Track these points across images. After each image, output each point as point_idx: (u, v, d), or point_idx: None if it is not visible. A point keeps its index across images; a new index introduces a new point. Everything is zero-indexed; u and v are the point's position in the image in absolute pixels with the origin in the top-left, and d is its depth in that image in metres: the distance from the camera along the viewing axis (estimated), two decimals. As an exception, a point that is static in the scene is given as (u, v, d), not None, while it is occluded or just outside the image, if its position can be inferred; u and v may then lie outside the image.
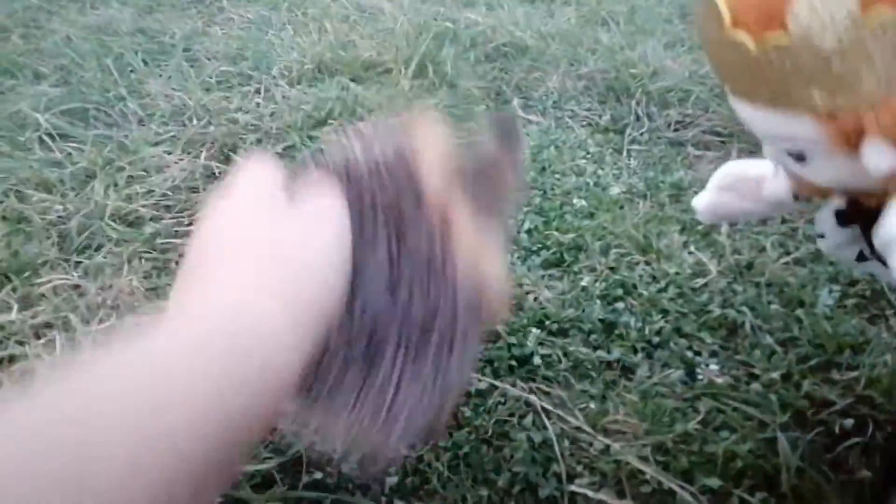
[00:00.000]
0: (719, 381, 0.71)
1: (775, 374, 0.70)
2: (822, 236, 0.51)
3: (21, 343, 0.70)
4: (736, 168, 0.58)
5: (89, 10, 1.75)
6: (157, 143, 1.09)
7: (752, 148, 0.65)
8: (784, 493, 0.57)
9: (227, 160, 1.08)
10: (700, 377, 0.71)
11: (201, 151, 1.07)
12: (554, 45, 1.49)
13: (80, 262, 0.84)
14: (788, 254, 0.90)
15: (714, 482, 0.59)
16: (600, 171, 1.10)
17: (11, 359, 0.68)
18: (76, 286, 0.80)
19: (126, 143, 1.09)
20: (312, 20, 1.62)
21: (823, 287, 0.82)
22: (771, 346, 0.74)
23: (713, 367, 0.72)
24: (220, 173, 1.05)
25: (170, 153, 1.07)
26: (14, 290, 0.79)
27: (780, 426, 0.63)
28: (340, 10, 1.72)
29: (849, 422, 0.62)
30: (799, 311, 0.78)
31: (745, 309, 0.79)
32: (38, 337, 0.71)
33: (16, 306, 0.75)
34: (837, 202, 0.47)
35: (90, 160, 1.03)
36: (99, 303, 0.77)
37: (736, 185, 0.57)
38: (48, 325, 0.73)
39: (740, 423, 0.64)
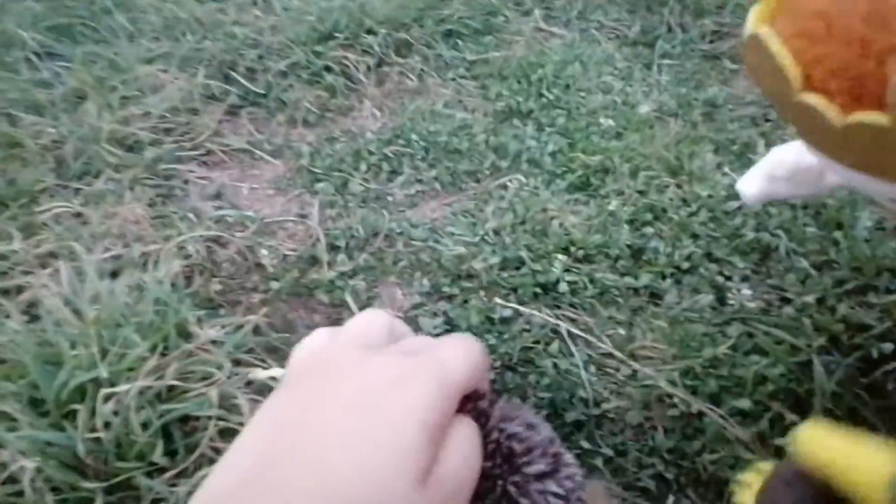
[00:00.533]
0: (751, 305, 0.68)
1: (809, 298, 0.67)
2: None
3: (27, 273, 0.68)
4: (789, 157, 0.52)
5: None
6: (150, 61, 1.02)
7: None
8: (818, 414, 0.56)
9: (226, 79, 1.01)
10: (731, 302, 0.69)
11: (198, 69, 1.00)
12: (576, -53, 1.35)
13: (80, 189, 0.80)
14: (826, 175, 0.84)
15: (744, 403, 0.58)
16: (629, 88, 1.02)
17: (19, 289, 0.66)
18: (78, 214, 0.76)
19: (117, 60, 1.01)
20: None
21: (863, 209, 0.78)
22: (806, 270, 0.71)
23: (745, 291, 0.70)
24: (219, 93, 0.98)
25: (165, 71, 1.00)
26: (14, 217, 0.76)
27: (815, 350, 0.61)
28: None
29: (887, 346, 0.60)
30: (836, 234, 0.75)
31: (779, 232, 0.75)
32: (43, 267, 0.69)
33: (18, 235, 0.72)
34: None
35: (80, 80, 0.96)
36: (103, 231, 0.73)
37: (791, 175, 0.53)
38: (52, 255, 0.71)
39: (772, 348, 0.63)
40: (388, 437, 0.18)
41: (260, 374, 0.58)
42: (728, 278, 0.71)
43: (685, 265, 0.72)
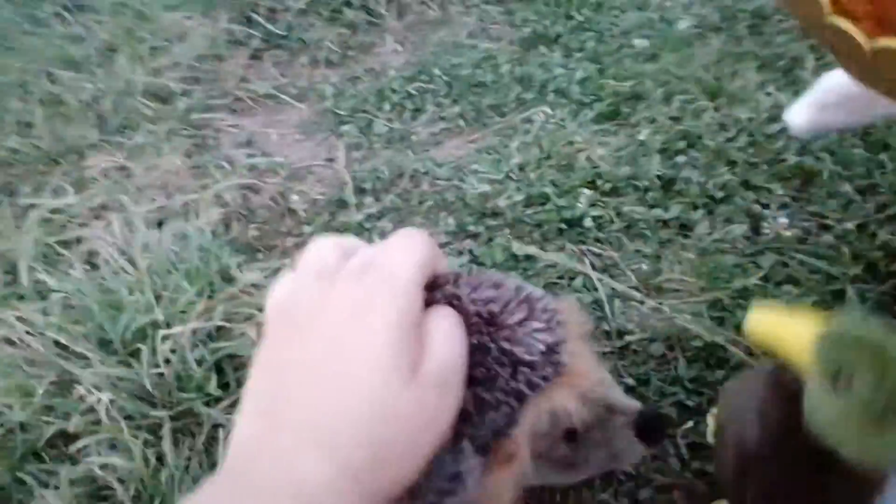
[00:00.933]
0: (787, 234, 0.66)
1: (850, 225, 0.65)
2: None
3: (83, 225, 0.73)
4: (839, 85, 0.50)
5: None
6: (174, 7, 1.02)
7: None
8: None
9: (248, 22, 1.00)
10: (766, 231, 0.67)
11: (220, 13, 1.00)
12: None
13: (122, 143, 0.84)
14: (885, 88, 0.78)
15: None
16: (667, 3, 0.94)
17: (78, 240, 0.72)
18: (122, 167, 0.81)
19: (143, 10, 1.02)
20: None
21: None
22: (848, 195, 0.67)
23: (782, 219, 0.67)
24: (243, 38, 0.98)
25: (189, 18, 1.00)
26: (66, 173, 0.81)
27: (850, 279, 0.59)
28: None
29: (929, 273, 0.58)
30: (883, 156, 0.70)
31: (824, 155, 0.71)
32: (97, 218, 0.74)
33: (71, 190, 0.78)
34: None
35: (111, 32, 0.98)
36: (147, 183, 0.78)
37: (842, 102, 0.51)
38: (104, 207, 0.76)
39: (806, 277, 0.61)
40: (365, 356, 0.20)
41: None
42: (765, 206, 0.69)
43: (719, 194, 0.70)
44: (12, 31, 1.04)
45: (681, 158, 0.74)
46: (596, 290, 0.63)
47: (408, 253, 0.23)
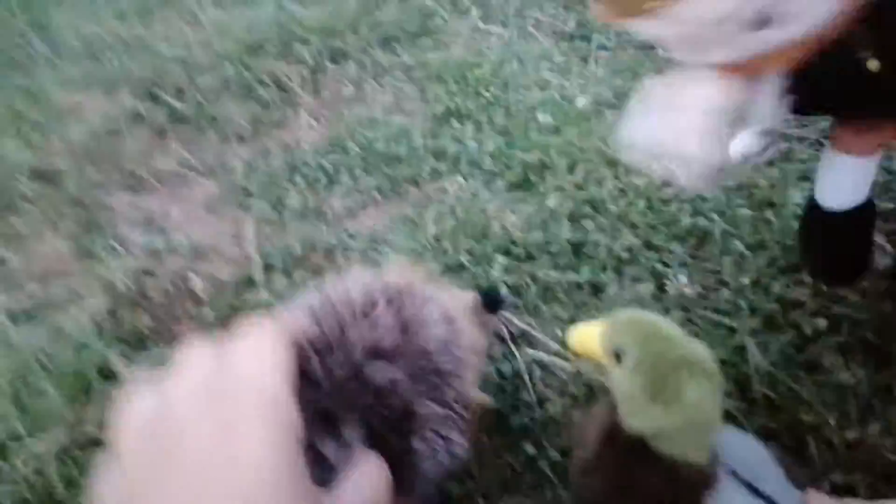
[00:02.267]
0: (689, 291, 0.69)
1: (745, 280, 0.68)
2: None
3: (-62, 322, 0.64)
4: (654, 86, 0.51)
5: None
6: (70, 87, 0.97)
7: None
8: (754, 398, 0.56)
9: (153, 99, 0.97)
10: (669, 289, 0.69)
11: (122, 91, 0.96)
12: (509, -57, 1.35)
13: (-3, 229, 0.76)
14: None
15: (686, 393, 0.58)
16: (566, 83, 1.02)
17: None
18: (-6, 255, 0.73)
19: (34, 89, 0.97)
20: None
21: (794, 186, 0.79)
22: (740, 252, 0.72)
23: (682, 278, 0.70)
24: (146, 116, 0.94)
25: (87, 96, 0.96)
26: (-76, 264, 0.71)
27: (750, 331, 0.62)
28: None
29: (821, 321, 0.61)
30: (768, 213, 0.76)
31: (714, 216, 0.76)
32: (-41, 314, 0.65)
33: (-73, 283, 0.68)
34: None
35: (-5, 112, 0.92)
36: (23, 271, 0.70)
37: (660, 101, 0.50)
38: (-31, 301, 0.67)
39: (710, 332, 0.63)
40: (245, 479, 0.17)
41: None
42: (667, 265, 0.72)
43: (625, 255, 0.73)
44: None
45: (588, 223, 0.77)
46: (515, 357, 0.62)
47: (266, 356, 0.19)
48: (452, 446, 0.35)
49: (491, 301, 0.51)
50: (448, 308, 0.37)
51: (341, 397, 0.30)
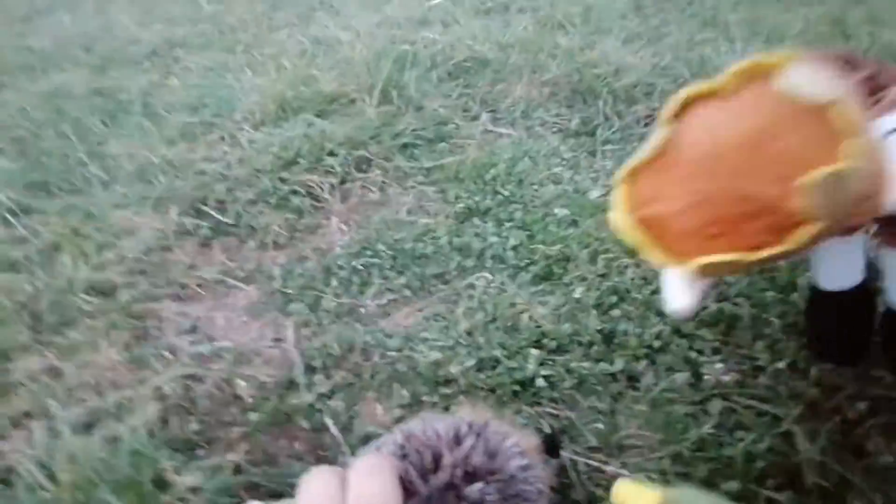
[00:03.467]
0: (726, 378, 0.69)
1: (781, 364, 0.69)
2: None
3: (0, 438, 0.66)
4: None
5: (41, 76, 1.72)
6: (124, 206, 1.06)
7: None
8: (810, 489, 0.55)
9: (198, 214, 1.05)
10: (707, 377, 0.70)
11: (170, 208, 1.05)
12: (514, 55, 1.49)
13: (54, 342, 0.80)
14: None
15: (733, 486, 0.57)
16: (577, 177, 1.09)
17: (-9, 457, 0.64)
18: (52, 368, 0.76)
19: (91, 209, 1.06)
20: (270, 59, 1.60)
21: (809, 268, 0.81)
22: (772, 335, 0.73)
23: (718, 365, 0.71)
24: (193, 229, 1.02)
25: (139, 214, 1.04)
26: (-13, 380, 0.75)
27: (794, 419, 0.61)
28: (297, 45, 1.71)
29: (862, 405, 0.61)
30: (794, 296, 0.77)
31: (740, 300, 0.78)
32: (16, 427, 0.68)
33: (-10, 399, 0.72)
34: None
35: (56, 232, 0.99)
36: (78, 383, 0.73)
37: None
38: (27, 415, 0.70)
39: (754, 421, 0.63)
40: None
41: None
42: (700, 352, 0.73)
43: (657, 344, 0.74)
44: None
45: (615, 312, 0.79)
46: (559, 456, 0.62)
47: (384, 490, 0.23)
48: None
49: (550, 444, 0.54)
50: (522, 442, 0.42)
51: None
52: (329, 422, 0.69)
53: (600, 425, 0.65)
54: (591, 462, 0.62)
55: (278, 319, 0.86)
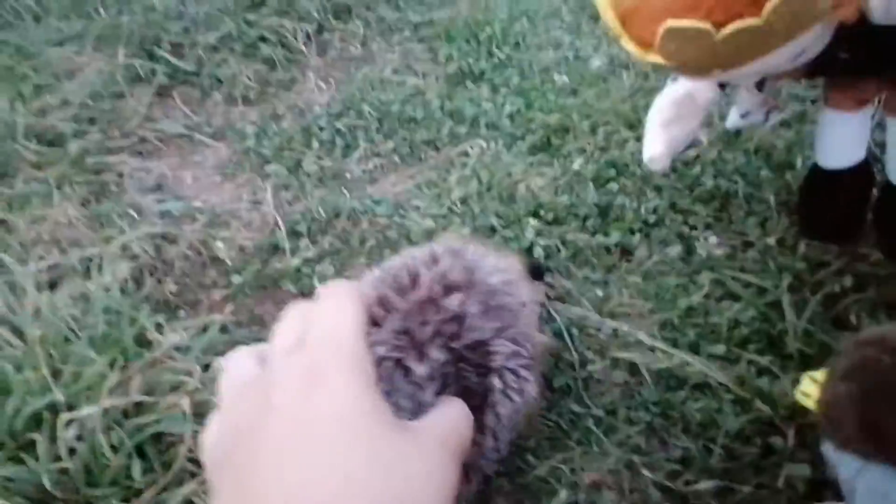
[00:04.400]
0: (717, 252, 0.70)
1: (771, 240, 0.70)
2: (745, 115, 0.66)
3: (-48, 292, 0.60)
4: (666, 99, 0.63)
5: None
6: (60, 43, 0.91)
7: None
8: (790, 354, 0.58)
9: (150, 57, 0.92)
10: (699, 251, 0.70)
11: (117, 48, 0.91)
12: None
13: (1, 193, 0.72)
14: (774, 117, 0.87)
15: (720, 349, 0.60)
16: (578, 43, 1.00)
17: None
18: (2, 221, 0.69)
19: (25, 45, 0.90)
20: None
21: (809, 148, 0.80)
22: (764, 213, 0.73)
23: (711, 239, 0.71)
24: (144, 73, 0.89)
25: (79, 53, 0.90)
26: (-74, 233, 0.67)
27: (781, 291, 0.63)
28: None
29: (847, 280, 0.63)
30: (788, 175, 0.77)
31: (736, 177, 0.77)
32: (-30, 283, 0.62)
33: (-66, 251, 0.64)
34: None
35: (-18, 69, 0.85)
36: (34, 238, 0.66)
37: (677, 112, 0.62)
38: (-20, 270, 0.64)
39: (741, 292, 0.64)
40: (331, 423, 0.18)
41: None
42: (693, 227, 0.72)
43: (652, 218, 0.73)
44: None
45: (613, 186, 0.77)
46: (554, 320, 0.62)
47: (342, 312, 0.21)
48: (525, 385, 0.37)
49: (534, 269, 0.53)
50: (503, 262, 0.41)
51: (422, 319, 0.34)
52: (318, 286, 0.67)
53: (594, 294, 0.65)
54: (584, 327, 0.62)
55: (254, 181, 0.80)
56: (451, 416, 0.23)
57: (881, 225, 0.65)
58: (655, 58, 0.46)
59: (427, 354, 0.33)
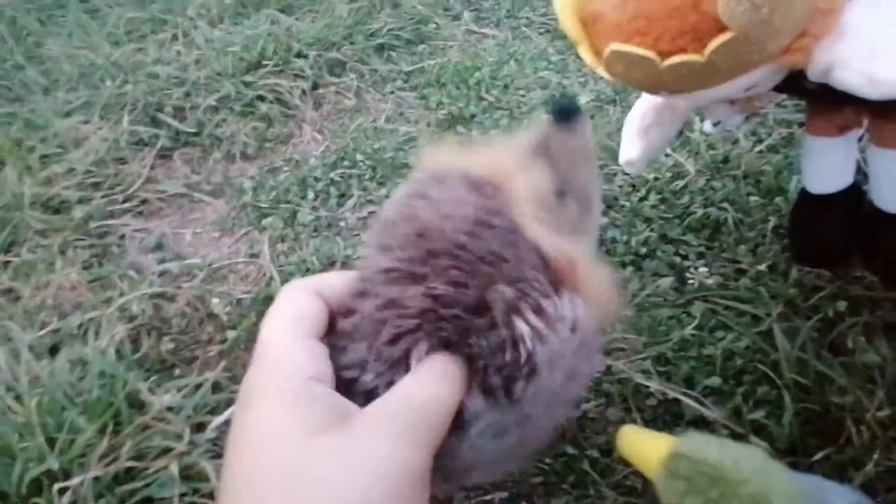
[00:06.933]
0: (709, 281, 0.69)
1: (762, 267, 0.69)
2: (716, 124, 0.64)
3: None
4: (644, 105, 0.63)
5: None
6: (68, 114, 0.96)
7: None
8: (786, 384, 0.57)
9: (154, 122, 0.97)
10: (690, 281, 0.70)
11: (122, 115, 0.95)
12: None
13: (8, 263, 0.75)
14: (761, 141, 0.87)
15: (715, 381, 0.59)
16: (565, 81, 1.03)
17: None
18: (8, 290, 0.71)
19: (33, 118, 0.95)
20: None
21: (799, 171, 0.80)
22: (755, 239, 0.73)
23: (702, 269, 0.71)
24: (147, 137, 0.94)
25: (86, 122, 0.95)
26: (-63, 304, 0.70)
27: (774, 318, 0.62)
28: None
29: (841, 304, 0.62)
30: (778, 200, 0.77)
31: (725, 205, 0.77)
32: (-24, 351, 0.64)
33: (-57, 322, 0.67)
34: None
35: (-5, 145, 0.90)
36: (38, 305, 0.69)
37: (655, 118, 0.62)
38: (-14, 337, 0.66)
39: (734, 322, 0.64)
40: (262, 430, 0.21)
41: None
42: (685, 257, 0.72)
43: (643, 250, 0.73)
44: None
45: (603, 220, 0.77)
46: (544, 360, 0.62)
47: (278, 313, 0.24)
48: (545, 318, 0.28)
49: (563, 111, 0.34)
50: (475, 175, 0.29)
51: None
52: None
53: (587, 330, 0.65)
54: (576, 366, 0.62)
55: (252, 234, 0.82)
56: (432, 377, 0.23)
57: (869, 249, 0.64)
58: (605, 73, 0.46)
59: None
